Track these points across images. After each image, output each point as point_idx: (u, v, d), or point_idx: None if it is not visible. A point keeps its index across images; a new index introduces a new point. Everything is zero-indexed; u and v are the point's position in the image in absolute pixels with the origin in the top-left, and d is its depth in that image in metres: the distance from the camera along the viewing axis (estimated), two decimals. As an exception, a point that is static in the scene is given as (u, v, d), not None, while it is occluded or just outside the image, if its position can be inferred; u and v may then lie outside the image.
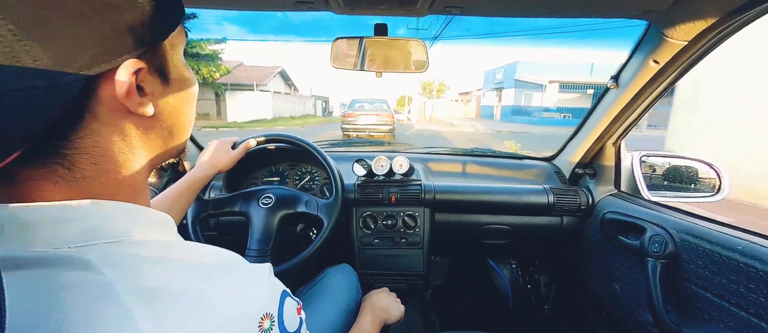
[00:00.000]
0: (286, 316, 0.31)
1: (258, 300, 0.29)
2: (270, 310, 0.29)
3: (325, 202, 0.88)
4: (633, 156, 0.98)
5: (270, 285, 0.31)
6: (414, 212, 1.07)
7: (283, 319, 0.30)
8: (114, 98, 0.26)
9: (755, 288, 0.59)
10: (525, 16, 0.72)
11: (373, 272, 1.08)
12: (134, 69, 0.26)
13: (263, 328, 0.28)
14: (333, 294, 0.79)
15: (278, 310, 0.30)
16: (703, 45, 0.69)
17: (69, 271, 0.23)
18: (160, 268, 0.25)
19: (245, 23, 52.39)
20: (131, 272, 0.24)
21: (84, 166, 0.26)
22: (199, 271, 0.27)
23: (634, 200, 0.94)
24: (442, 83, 40.45)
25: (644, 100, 0.87)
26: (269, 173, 1.20)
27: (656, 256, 0.77)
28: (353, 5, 0.66)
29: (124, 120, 0.28)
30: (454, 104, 37.61)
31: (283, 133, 0.97)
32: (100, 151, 0.26)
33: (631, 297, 0.87)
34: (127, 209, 0.28)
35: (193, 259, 0.28)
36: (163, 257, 0.26)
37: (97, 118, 0.26)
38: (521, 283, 1.51)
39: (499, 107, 26.26)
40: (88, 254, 0.24)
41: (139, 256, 0.25)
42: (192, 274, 0.26)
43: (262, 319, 0.28)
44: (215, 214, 0.86)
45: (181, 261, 0.27)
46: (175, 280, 0.25)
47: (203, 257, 0.29)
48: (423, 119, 28.34)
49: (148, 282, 0.24)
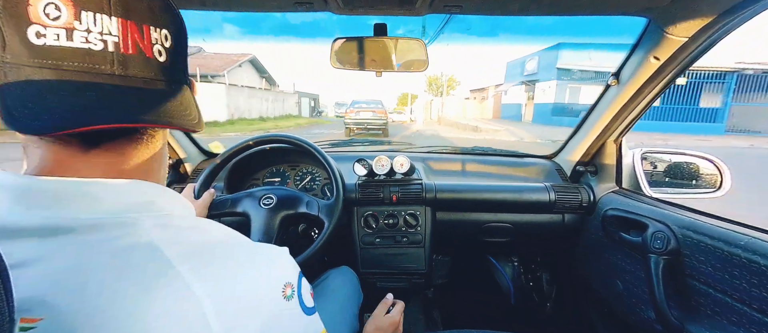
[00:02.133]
0: (304, 291, 0.35)
1: (282, 268, 0.34)
2: (291, 280, 0.34)
3: (327, 202, 0.88)
4: (634, 153, 0.98)
5: (289, 260, 0.36)
6: (415, 211, 1.07)
7: (301, 293, 0.34)
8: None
9: (758, 283, 0.59)
10: (525, 15, 0.71)
11: (375, 271, 1.08)
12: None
13: (286, 294, 0.32)
14: (334, 296, 0.79)
15: (297, 283, 0.34)
16: (703, 41, 0.69)
17: (124, 236, 0.27)
18: (196, 233, 0.31)
19: (244, 24, 52.33)
20: (175, 235, 0.29)
21: (145, 148, 0.33)
22: (229, 236, 0.33)
23: (635, 197, 0.94)
24: (452, 78, 35.09)
25: (645, 96, 0.87)
26: (270, 174, 1.20)
27: (658, 252, 0.77)
28: (352, 5, 0.66)
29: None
30: (467, 102, 30.59)
31: (283, 134, 0.97)
32: (157, 140, 0.34)
33: (633, 294, 0.87)
34: (168, 191, 0.34)
35: (223, 230, 0.33)
36: (197, 226, 0.32)
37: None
38: (523, 280, 1.51)
39: (530, 105, 19.53)
40: (142, 220, 0.29)
41: (180, 225, 0.31)
42: (223, 238, 0.32)
43: (285, 286, 0.32)
44: (216, 215, 0.86)
45: (212, 229, 0.32)
46: (209, 241, 0.31)
47: (230, 231, 0.34)
48: (430, 120, 24.07)
49: (190, 245, 0.29)
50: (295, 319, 0.32)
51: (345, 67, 0.87)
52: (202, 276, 0.27)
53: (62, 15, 0.26)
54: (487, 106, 28.42)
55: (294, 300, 0.33)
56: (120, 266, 0.25)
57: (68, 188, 0.28)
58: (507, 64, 23.32)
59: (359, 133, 10.64)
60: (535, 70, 18.40)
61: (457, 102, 30.45)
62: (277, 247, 0.36)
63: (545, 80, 17.23)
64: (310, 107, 32.04)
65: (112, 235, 0.27)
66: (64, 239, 0.26)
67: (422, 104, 19.80)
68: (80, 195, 0.28)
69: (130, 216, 0.29)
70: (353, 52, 0.86)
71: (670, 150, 1.01)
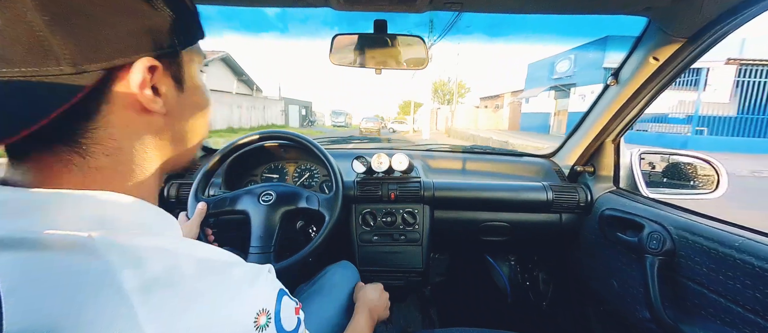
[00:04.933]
0: (284, 314, 0.32)
1: (254, 296, 0.30)
2: (266, 306, 0.30)
3: (326, 197, 0.88)
4: (632, 153, 0.98)
5: (267, 283, 0.32)
6: (413, 209, 1.07)
7: (280, 317, 0.31)
8: (129, 93, 0.28)
9: (752, 284, 0.59)
10: (525, 13, 0.71)
11: (373, 269, 1.08)
12: (149, 65, 0.28)
13: (259, 323, 0.28)
14: (334, 292, 0.78)
15: (275, 308, 0.31)
16: (703, 42, 0.69)
17: (75, 255, 0.24)
18: (161, 260, 0.26)
19: (241, 20, 51.81)
20: (134, 261, 0.25)
21: (98, 157, 0.27)
22: (199, 266, 0.28)
23: (632, 197, 0.94)
24: (461, 84, 30.29)
25: (644, 97, 0.87)
26: (268, 170, 1.20)
27: (654, 252, 0.77)
28: (352, 1, 0.65)
29: (138, 117, 0.29)
30: (479, 111, 26.36)
31: (283, 131, 0.97)
32: (114, 144, 0.28)
33: (629, 293, 0.88)
34: (137, 204, 0.29)
35: (194, 255, 0.28)
36: (165, 250, 0.27)
37: (113, 111, 0.28)
38: (520, 279, 1.52)
39: (563, 115, 15.82)
40: (95, 240, 0.25)
41: (142, 247, 0.26)
42: (192, 269, 0.27)
43: (259, 314, 0.29)
44: (215, 214, 0.86)
45: (183, 256, 0.28)
46: (175, 272, 0.26)
47: (203, 254, 0.29)
48: (436, 131, 21.71)
49: (149, 273, 0.25)
50: None
51: (344, 64, 0.87)
52: (158, 315, 0.24)
53: None
54: (501, 115, 24.21)
55: (270, 327, 0.29)
56: (68, 294, 0.22)
57: (25, 198, 0.25)
58: (528, 66, 19.13)
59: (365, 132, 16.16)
60: (570, 72, 14.83)
61: (467, 111, 26.63)
62: (257, 267, 0.32)
63: (585, 84, 13.26)
64: (301, 115, 28.96)
65: (63, 255, 0.24)
66: (12, 254, 0.23)
67: (428, 113, 17.46)
68: (36, 206, 0.25)
69: (88, 233, 0.25)
70: (353, 48, 0.85)
71: (668, 151, 1.02)
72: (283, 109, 24.28)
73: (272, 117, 22.34)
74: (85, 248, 0.24)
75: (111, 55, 0.26)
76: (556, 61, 16.07)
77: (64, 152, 0.26)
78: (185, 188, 1.09)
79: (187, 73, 0.33)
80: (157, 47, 0.29)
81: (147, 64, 0.28)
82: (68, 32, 0.24)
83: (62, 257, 0.24)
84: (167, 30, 0.29)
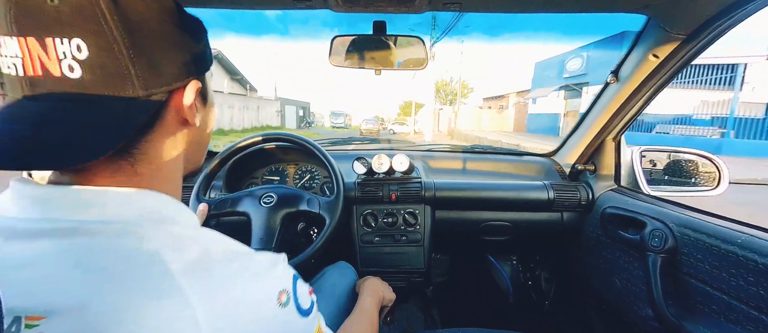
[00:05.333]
0: (300, 294, 0.36)
1: (276, 278, 0.34)
2: (286, 287, 0.34)
3: (327, 199, 0.88)
4: (633, 150, 0.98)
5: (285, 268, 0.36)
6: (414, 210, 1.07)
7: (297, 296, 0.35)
8: (179, 110, 0.33)
9: (755, 281, 0.59)
10: (524, 12, 0.71)
11: (374, 270, 1.08)
12: (197, 87, 0.34)
13: (281, 301, 0.32)
14: (334, 292, 0.79)
15: (293, 289, 0.35)
16: (702, 38, 0.69)
17: (126, 239, 0.27)
18: (196, 247, 0.30)
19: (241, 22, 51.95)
20: (176, 246, 0.28)
21: (143, 164, 0.32)
22: (226, 253, 0.32)
23: (634, 195, 0.94)
24: (464, 84, 29.63)
25: (644, 94, 0.87)
26: (269, 172, 1.20)
27: (656, 250, 0.77)
28: (351, 2, 0.65)
29: (179, 130, 0.35)
30: (482, 112, 25.10)
31: (283, 133, 0.97)
32: (157, 153, 0.33)
33: (631, 291, 0.87)
34: (171, 201, 0.34)
35: (221, 244, 0.32)
36: (197, 239, 0.31)
37: (164, 126, 0.33)
38: (522, 279, 1.51)
39: (572, 116, 14.45)
40: (144, 227, 0.29)
41: (183, 235, 0.30)
42: (221, 255, 0.31)
43: (280, 293, 0.33)
44: (216, 215, 0.86)
45: (211, 243, 0.32)
46: (209, 256, 0.30)
47: (227, 244, 0.33)
48: (438, 133, 21.21)
49: (188, 256, 0.28)
50: (291, 323, 0.33)
51: (344, 65, 0.87)
52: (201, 291, 0.27)
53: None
54: (506, 116, 23.40)
55: (290, 305, 0.33)
56: (122, 272, 0.25)
57: (80, 195, 0.29)
58: (535, 65, 18.17)
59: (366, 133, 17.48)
60: (583, 70, 13.80)
61: (470, 111, 25.33)
62: (273, 255, 0.36)
63: (600, 83, 9.39)
64: (298, 117, 28.35)
65: (117, 240, 0.27)
66: (69, 241, 0.26)
67: (429, 114, 17.37)
68: (89, 201, 0.29)
69: (136, 223, 0.29)
70: (352, 49, 0.85)
71: (669, 148, 1.01)
72: (279, 109, 23.58)
73: (267, 118, 21.53)
74: (135, 234, 0.28)
75: (171, 80, 0.31)
76: (567, 59, 15.29)
77: (117, 160, 0.30)
78: (186, 191, 1.09)
79: (209, 88, 0.39)
80: (198, 71, 0.34)
81: (197, 86, 0.34)
82: (140, 62, 0.28)
83: (116, 241, 0.27)
84: (202, 56, 0.35)
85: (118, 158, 0.30)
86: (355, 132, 23.64)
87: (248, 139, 0.96)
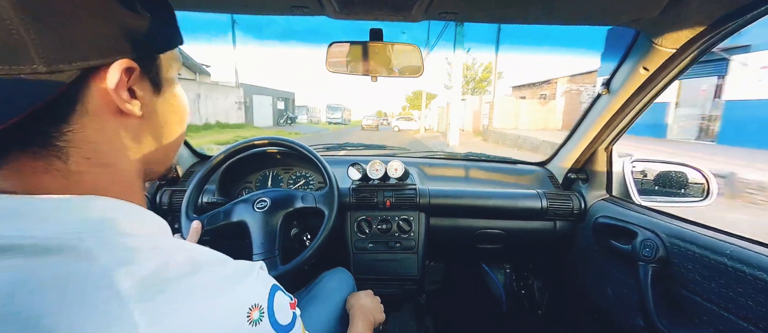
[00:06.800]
0: (278, 309, 0.32)
1: (245, 292, 0.30)
2: (259, 301, 0.30)
3: (322, 192, 0.88)
4: (624, 161, 1.00)
5: (258, 279, 0.32)
6: (409, 216, 1.07)
7: (273, 311, 0.31)
8: (104, 95, 0.28)
9: (743, 292, 0.60)
10: (518, 23, 0.73)
11: (368, 277, 1.07)
12: (126, 66, 0.28)
13: (252, 318, 0.28)
14: (330, 298, 0.78)
15: (268, 303, 0.31)
16: (691, 52, 0.71)
17: (67, 258, 0.23)
18: (152, 259, 0.26)
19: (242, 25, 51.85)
20: (126, 261, 0.25)
21: (78, 160, 0.27)
22: (189, 264, 0.28)
23: (625, 205, 0.95)
24: (489, 65, 21.26)
25: (635, 106, 0.88)
26: (263, 177, 1.19)
27: (647, 260, 0.78)
28: (349, 10, 0.66)
29: (114, 119, 0.29)
30: (521, 103, 16.82)
31: (278, 138, 0.97)
32: (91, 146, 0.28)
33: (623, 301, 0.88)
34: (123, 206, 0.29)
35: (184, 254, 0.29)
36: (155, 249, 0.27)
37: (88, 113, 0.27)
38: (515, 287, 1.51)
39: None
40: (86, 242, 0.24)
41: (132, 248, 0.26)
42: (182, 267, 0.27)
43: (251, 309, 0.29)
44: (213, 230, 0.84)
45: (172, 252, 0.28)
46: (167, 270, 0.26)
47: (193, 252, 0.29)
48: (462, 132, 14.49)
49: (142, 272, 0.25)
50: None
51: (340, 71, 0.88)
52: (152, 315, 0.23)
53: None
54: (554, 109, 15.78)
55: (263, 322, 0.29)
56: (64, 294, 0.22)
57: (5, 204, 0.25)
58: (608, 32, 8.07)
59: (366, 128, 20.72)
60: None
61: (503, 102, 16.58)
62: (248, 263, 0.32)
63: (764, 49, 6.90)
64: (277, 111, 21.39)
65: (57, 259, 0.23)
66: (9, 259, 0.23)
67: (458, 106, 10.81)
68: (17, 211, 0.25)
69: (78, 236, 0.25)
70: (348, 56, 0.86)
71: (659, 159, 1.03)
72: (241, 99, 16.45)
73: (222, 111, 14.93)
74: (75, 252, 0.24)
75: (87, 56, 0.25)
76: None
77: (42, 156, 0.26)
78: (178, 195, 1.07)
79: (164, 77, 0.34)
80: (135, 50, 0.29)
81: (124, 66, 0.28)
82: (43, 31, 0.23)
83: (54, 262, 0.23)
84: (146, 34, 0.30)
85: (43, 152, 0.26)
86: (355, 128, 22.51)
87: (244, 143, 0.96)
